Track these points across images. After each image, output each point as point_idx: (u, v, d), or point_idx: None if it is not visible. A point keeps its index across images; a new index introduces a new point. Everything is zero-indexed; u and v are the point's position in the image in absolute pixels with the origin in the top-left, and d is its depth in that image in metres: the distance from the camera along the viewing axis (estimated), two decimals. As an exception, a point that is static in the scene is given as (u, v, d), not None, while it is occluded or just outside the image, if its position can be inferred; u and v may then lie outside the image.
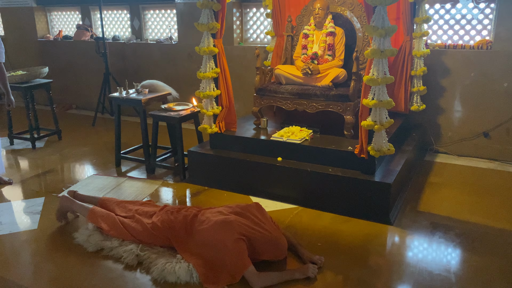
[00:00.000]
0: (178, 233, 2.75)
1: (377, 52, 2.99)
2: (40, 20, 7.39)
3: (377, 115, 3.13)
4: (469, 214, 3.36)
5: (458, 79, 4.51)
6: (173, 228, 2.76)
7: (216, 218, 2.65)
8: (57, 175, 4.31)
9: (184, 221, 2.77)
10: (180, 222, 2.77)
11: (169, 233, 2.76)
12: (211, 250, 2.56)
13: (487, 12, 4.46)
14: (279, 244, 2.62)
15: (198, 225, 2.71)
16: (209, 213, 2.77)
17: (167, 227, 2.77)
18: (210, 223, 2.64)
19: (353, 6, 4.19)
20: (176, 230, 2.75)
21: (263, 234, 2.57)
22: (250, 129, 4.10)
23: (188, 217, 2.78)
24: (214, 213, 2.75)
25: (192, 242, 2.68)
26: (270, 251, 2.60)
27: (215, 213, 2.75)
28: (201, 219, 2.73)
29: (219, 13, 3.66)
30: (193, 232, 2.71)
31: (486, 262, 2.73)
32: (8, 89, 4.16)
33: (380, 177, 3.30)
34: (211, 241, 2.58)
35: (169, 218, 2.81)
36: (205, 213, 2.80)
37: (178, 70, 6.12)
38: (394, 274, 2.65)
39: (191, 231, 2.73)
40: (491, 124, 4.46)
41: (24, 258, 2.85)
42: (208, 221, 2.67)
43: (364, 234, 3.08)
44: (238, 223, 2.57)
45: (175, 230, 2.76)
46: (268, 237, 2.58)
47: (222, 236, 2.53)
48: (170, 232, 2.76)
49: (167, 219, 2.81)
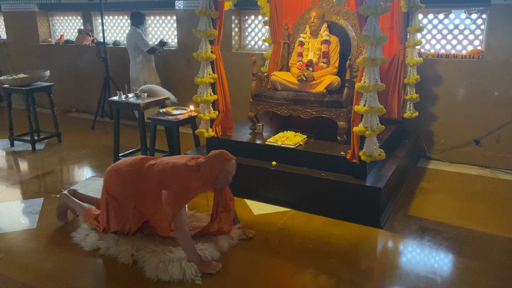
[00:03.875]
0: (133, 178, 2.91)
1: (369, 60, 3.09)
2: (42, 25, 7.51)
3: (368, 121, 3.22)
4: (458, 219, 3.44)
5: (451, 87, 4.61)
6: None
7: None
8: (56, 177, 4.40)
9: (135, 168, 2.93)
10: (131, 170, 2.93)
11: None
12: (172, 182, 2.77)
13: (479, 23, 4.57)
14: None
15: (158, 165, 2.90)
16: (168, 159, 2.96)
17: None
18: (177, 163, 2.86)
19: (348, 15, 4.29)
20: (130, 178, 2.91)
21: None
22: (246, 133, 4.19)
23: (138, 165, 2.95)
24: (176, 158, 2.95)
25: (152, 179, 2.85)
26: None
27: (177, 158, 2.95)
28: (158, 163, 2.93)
29: (217, 20, 3.76)
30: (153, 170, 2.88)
31: (472, 265, 2.81)
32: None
33: (371, 181, 3.38)
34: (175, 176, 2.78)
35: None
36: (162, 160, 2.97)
37: (177, 75, 6.23)
38: (381, 276, 2.73)
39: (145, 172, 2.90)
40: (482, 132, 4.55)
41: (23, 256, 2.93)
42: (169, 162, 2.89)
43: (354, 237, 3.16)
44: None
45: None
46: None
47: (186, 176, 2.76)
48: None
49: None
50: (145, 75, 5.85)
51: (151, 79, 5.83)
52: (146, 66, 5.85)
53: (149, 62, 5.88)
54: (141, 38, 5.71)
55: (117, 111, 4.51)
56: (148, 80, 5.75)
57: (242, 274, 2.72)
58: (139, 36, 5.71)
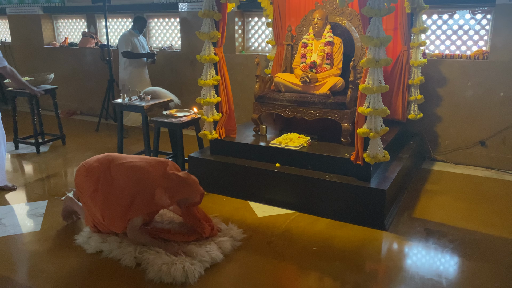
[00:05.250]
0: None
1: (372, 61, 3.07)
2: (47, 28, 7.55)
3: (372, 122, 3.20)
4: (463, 221, 3.41)
5: (455, 88, 4.58)
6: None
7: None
8: (61, 179, 4.40)
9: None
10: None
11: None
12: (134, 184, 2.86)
13: (483, 23, 4.54)
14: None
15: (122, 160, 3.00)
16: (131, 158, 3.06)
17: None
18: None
19: (351, 16, 4.28)
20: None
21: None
22: (249, 135, 4.18)
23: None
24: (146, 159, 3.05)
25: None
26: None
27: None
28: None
29: (220, 22, 3.76)
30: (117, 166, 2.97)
31: (477, 267, 2.78)
32: (26, 85, 4.44)
33: (376, 183, 3.36)
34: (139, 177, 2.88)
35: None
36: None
37: (181, 77, 6.23)
38: (386, 279, 2.70)
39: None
40: (487, 133, 4.52)
41: (27, 259, 2.93)
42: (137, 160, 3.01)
43: (359, 239, 3.14)
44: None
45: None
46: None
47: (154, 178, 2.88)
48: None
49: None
50: (125, 78, 5.82)
51: (133, 83, 5.63)
52: (129, 70, 5.81)
53: (133, 66, 5.81)
54: (122, 40, 5.73)
55: (120, 113, 4.52)
56: (129, 84, 5.58)
57: (245, 277, 2.71)
58: (121, 38, 5.75)
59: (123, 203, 2.85)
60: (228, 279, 2.68)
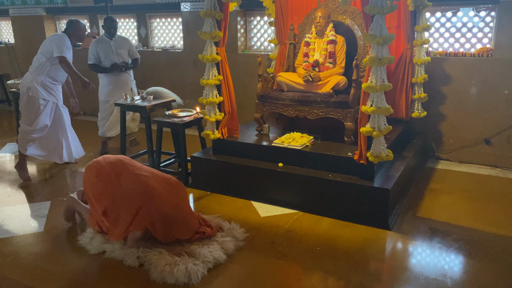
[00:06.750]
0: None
1: (375, 60, 3.05)
2: (50, 28, 7.56)
3: (375, 121, 3.18)
4: (468, 220, 3.38)
5: (459, 86, 4.55)
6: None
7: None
8: (64, 180, 4.41)
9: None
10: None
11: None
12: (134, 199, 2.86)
13: (487, 20, 4.50)
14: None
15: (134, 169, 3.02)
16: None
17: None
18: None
19: (354, 15, 4.25)
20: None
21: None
22: (252, 135, 4.16)
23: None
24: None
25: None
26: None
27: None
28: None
29: (221, 22, 3.74)
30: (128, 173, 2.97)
31: (482, 267, 2.76)
32: (79, 76, 4.53)
33: (379, 182, 3.34)
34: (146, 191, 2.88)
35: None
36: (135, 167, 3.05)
37: (183, 77, 6.22)
38: (390, 279, 2.68)
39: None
40: (492, 131, 4.48)
41: (30, 259, 2.93)
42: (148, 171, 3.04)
43: (362, 239, 3.12)
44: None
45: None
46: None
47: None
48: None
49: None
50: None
51: (102, 93, 5.17)
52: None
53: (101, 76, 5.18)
54: (89, 51, 5.12)
55: (123, 114, 4.51)
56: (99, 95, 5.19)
57: (248, 277, 2.70)
58: (89, 48, 5.15)
59: (128, 212, 2.85)
60: (231, 280, 2.67)
